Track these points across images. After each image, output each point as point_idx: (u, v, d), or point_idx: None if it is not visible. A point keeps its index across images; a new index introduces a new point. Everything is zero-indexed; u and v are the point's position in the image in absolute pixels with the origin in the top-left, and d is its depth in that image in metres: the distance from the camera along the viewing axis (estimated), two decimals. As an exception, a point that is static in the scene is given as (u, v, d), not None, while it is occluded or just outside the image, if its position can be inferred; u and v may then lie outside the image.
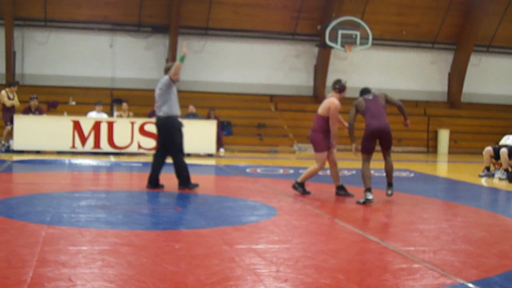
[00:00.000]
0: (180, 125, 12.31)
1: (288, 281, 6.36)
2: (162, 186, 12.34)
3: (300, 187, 13.51)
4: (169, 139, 12.12)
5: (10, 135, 22.78)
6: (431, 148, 30.63)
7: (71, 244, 7.75)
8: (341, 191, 13.55)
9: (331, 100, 12.76)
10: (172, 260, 7.14)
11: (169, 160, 13.28)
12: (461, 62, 32.00)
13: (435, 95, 32.88)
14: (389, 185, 13.35)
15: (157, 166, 12.25)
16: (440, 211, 12.45)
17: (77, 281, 6.09)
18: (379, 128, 12.66)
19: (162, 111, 11.97)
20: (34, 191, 13.23)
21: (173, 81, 11.99)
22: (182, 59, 12.06)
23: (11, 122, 22.27)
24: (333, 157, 13.28)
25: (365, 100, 12.81)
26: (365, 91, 13.31)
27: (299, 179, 13.50)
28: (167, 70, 12.28)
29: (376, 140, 12.85)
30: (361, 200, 12.76)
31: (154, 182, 12.24)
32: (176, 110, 12.28)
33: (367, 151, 12.88)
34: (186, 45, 12.62)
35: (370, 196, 12.85)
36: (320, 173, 16.32)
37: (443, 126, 30.45)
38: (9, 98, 22.87)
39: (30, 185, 14.60)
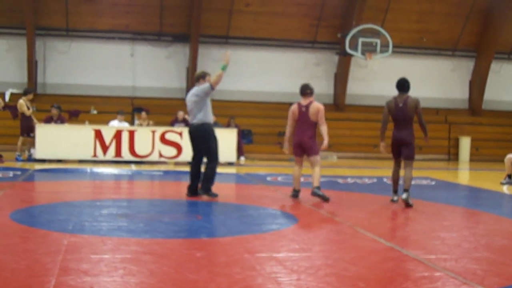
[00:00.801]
0: (215, 132, 12.44)
1: None
2: (199, 194, 12.44)
3: (320, 191, 13.59)
4: (205, 145, 12.17)
5: (25, 145, 22.81)
6: (452, 155, 30.47)
7: (93, 253, 7.79)
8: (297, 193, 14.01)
9: (318, 105, 13.24)
10: (193, 269, 7.13)
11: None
12: (482, 69, 31.85)
13: (456, 102, 32.74)
14: (405, 190, 13.37)
15: (196, 174, 12.33)
16: (461, 219, 12.37)
17: None
18: (400, 139, 13.19)
19: (197, 119, 12.02)
20: (56, 199, 13.27)
21: (213, 89, 12.09)
22: (225, 67, 12.07)
23: (32, 131, 22.35)
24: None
25: (395, 106, 13.21)
26: (400, 87, 13.44)
27: (316, 183, 13.53)
28: (199, 78, 12.33)
29: (399, 148, 13.37)
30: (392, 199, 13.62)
31: (193, 191, 12.31)
32: (211, 118, 12.46)
33: (393, 156, 13.60)
34: (229, 54, 12.50)
35: (395, 198, 13.52)
36: (340, 181, 17.59)
37: (464, 133, 30.31)
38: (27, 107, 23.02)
39: (52, 193, 14.62)
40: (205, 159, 12.55)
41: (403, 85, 13.50)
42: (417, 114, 13.29)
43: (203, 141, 12.20)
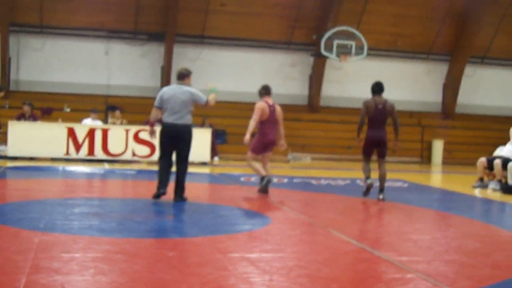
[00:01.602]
0: None
1: None
2: (164, 194, 12.14)
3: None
4: (187, 147, 11.97)
5: None
6: (425, 158, 30.74)
7: (64, 251, 7.76)
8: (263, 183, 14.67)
9: (279, 108, 14.30)
10: (165, 268, 7.13)
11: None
12: (456, 73, 32.25)
13: (429, 105, 33.06)
14: (381, 190, 14.16)
15: (167, 178, 11.99)
16: (433, 222, 12.51)
17: None
18: (378, 139, 13.96)
19: (185, 119, 11.78)
20: (27, 197, 13.24)
21: (202, 106, 12.24)
22: (215, 90, 12.30)
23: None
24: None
25: (375, 107, 13.90)
26: (377, 90, 14.17)
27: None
28: (183, 76, 12.00)
29: (374, 148, 14.13)
30: (364, 189, 14.39)
31: (162, 194, 12.11)
32: None
33: (365, 155, 14.24)
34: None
35: (369, 180, 14.23)
36: (314, 182, 17.88)
37: (437, 136, 30.55)
38: None
39: (24, 191, 14.55)
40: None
41: (380, 87, 14.18)
42: (393, 117, 14.10)
43: (186, 143, 11.99)
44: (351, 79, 30.88)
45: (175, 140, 11.89)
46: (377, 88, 14.36)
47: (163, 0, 29.29)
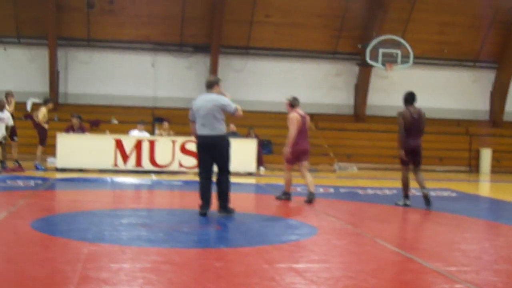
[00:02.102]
0: None
1: None
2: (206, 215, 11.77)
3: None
4: (225, 157, 11.64)
5: (44, 154, 23.13)
6: (473, 167, 30.31)
7: (112, 262, 7.78)
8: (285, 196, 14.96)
9: (308, 117, 14.56)
10: (212, 279, 7.07)
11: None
12: (504, 81, 32.03)
13: (477, 114, 32.69)
14: (424, 188, 14.29)
15: (209, 193, 11.50)
16: (482, 231, 12.25)
17: None
18: (416, 147, 14.21)
19: (218, 130, 11.37)
20: (76, 208, 13.36)
21: (232, 115, 11.81)
22: (232, 101, 12.00)
23: (44, 143, 22.71)
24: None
25: (411, 117, 14.08)
26: (411, 99, 14.38)
27: (313, 189, 14.63)
28: (213, 84, 11.63)
29: (412, 157, 14.33)
30: (400, 203, 14.44)
31: (208, 202, 11.68)
32: None
33: (405, 163, 14.42)
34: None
35: (407, 202, 14.37)
36: (360, 192, 17.77)
37: (486, 145, 30.08)
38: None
39: (73, 202, 14.69)
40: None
41: (414, 97, 14.47)
42: (424, 124, 14.53)
43: (222, 154, 11.61)
44: (397, 87, 28.97)
45: (211, 152, 11.49)
46: (411, 98, 14.54)
47: (208, 13, 29.38)
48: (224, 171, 11.67)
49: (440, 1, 30.23)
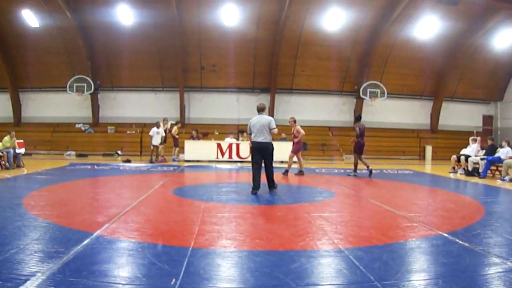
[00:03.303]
0: None
1: (342, 234, 6.72)
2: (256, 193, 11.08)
3: (287, 172, 15.68)
4: (270, 157, 11.19)
5: (178, 153, 24.04)
6: (421, 156, 31.02)
7: (218, 212, 8.29)
8: (300, 172, 15.85)
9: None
10: (276, 222, 7.65)
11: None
12: (437, 107, 32.61)
13: (423, 126, 33.13)
14: (370, 173, 15.97)
15: (259, 178, 11.15)
16: (427, 193, 12.67)
17: (223, 233, 6.68)
18: (363, 144, 16.17)
19: (267, 139, 11.09)
20: (196, 182, 14.07)
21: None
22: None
23: (177, 146, 23.84)
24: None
25: (362, 127, 16.13)
26: (359, 118, 16.74)
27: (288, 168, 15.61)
28: (263, 109, 11.53)
29: (363, 149, 16.03)
30: (352, 174, 15.81)
31: (258, 189, 11.14)
32: None
33: (359, 153, 16.13)
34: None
35: (356, 173, 15.85)
36: (358, 171, 17.10)
37: (428, 143, 31.22)
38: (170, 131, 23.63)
39: (194, 179, 15.26)
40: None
41: (360, 117, 16.93)
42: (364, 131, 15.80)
43: (269, 154, 11.18)
44: (378, 111, 31.94)
45: (262, 153, 11.07)
46: (359, 117, 16.87)
47: (268, 69, 30.14)
48: (270, 166, 11.23)
49: (400, 62, 30.42)
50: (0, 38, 28.00)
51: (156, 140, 22.21)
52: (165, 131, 22.90)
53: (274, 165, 11.47)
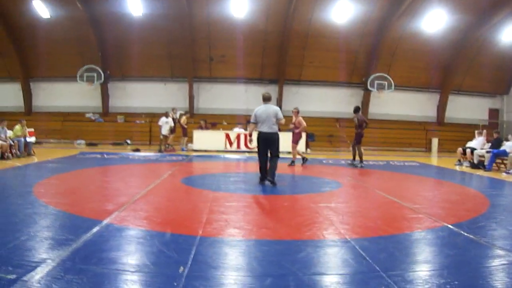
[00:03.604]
0: None
1: (348, 224, 6.74)
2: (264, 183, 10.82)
3: (293, 163, 15.69)
4: (276, 147, 10.72)
5: (187, 142, 24.08)
6: (428, 148, 30.91)
7: (226, 202, 8.28)
8: (304, 161, 15.85)
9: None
10: (283, 211, 7.68)
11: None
12: (444, 100, 32.39)
13: (429, 118, 32.80)
14: (360, 161, 16.00)
15: (266, 168, 10.86)
16: (433, 185, 12.67)
17: (230, 222, 6.69)
18: (362, 134, 16.32)
19: (273, 129, 10.62)
20: (205, 172, 14.10)
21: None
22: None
23: (186, 135, 23.90)
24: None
25: (360, 117, 16.35)
26: (358, 109, 16.63)
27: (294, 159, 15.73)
28: (269, 99, 11.06)
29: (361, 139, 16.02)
30: (360, 165, 15.81)
31: (264, 179, 10.95)
32: None
33: (359, 142, 16.34)
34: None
35: (362, 164, 15.83)
36: (365, 163, 17.11)
37: (434, 136, 30.98)
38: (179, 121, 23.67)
39: (202, 169, 15.35)
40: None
41: (359, 109, 16.80)
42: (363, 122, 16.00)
43: (275, 145, 10.69)
44: (385, 103, 31.81)
45: (267, 143, 10.66)
46: (358, 109, 16.77)
47: (277, 60, 30.17)
48: (275, 156, 10.73)
49: (408, 55, 30.20)
50: (12, 29, 28.26)
51: (165, 130, 22.38)
52: (174, 120, 22.99)
53: (281, 155, 11.29)
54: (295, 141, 15.97)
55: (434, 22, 27.78)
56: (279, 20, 28.20)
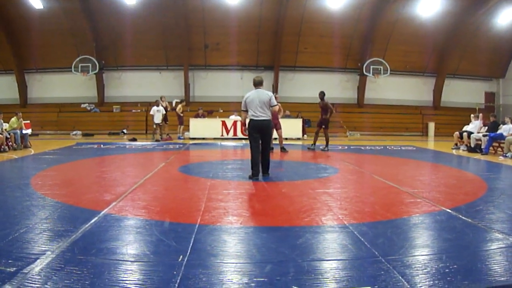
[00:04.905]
0: None
1: (346, 210, 6.72)
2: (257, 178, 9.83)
3: (284, 149, 15.44)
4: (269, 135, 10.03)
5: (183, 131, 24.00)
6: (424, 133, 31.19)
7: (224, 189, 8.30)
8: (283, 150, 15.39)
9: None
10: (281, 198, 7.67)
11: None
12: (440, 84, 32.62)
13: (426, 102, 33.07)
14: (327, 145, 16.14)
15: (259, 160, 9.92)
16: (430, 169, 12.78)
17: (229, 210, 6.69)
18: (328, 120, 16.24)
19: (267, 116, 9.77)
20: (202, 159, 14.24)
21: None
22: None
23: (182, 124, 23.76)
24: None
25: (325, 102, 16.38)
26: (323, 94, 16.46)
27: (282, 145, 15.43)
28: (261, 83, 10.11)
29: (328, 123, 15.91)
30: (326, 149, 15.94)
31: (258, 174, 9.88)
32: None
33: (327, 127, 16.44)
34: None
35: (327, 148, 15.94)
36: (363, 148, 17.93)
37: (431, 120, 31.12)
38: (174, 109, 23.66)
39: (200, 156, 15.50)
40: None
41: (324, 94, 16.51)
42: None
43: (268, 133, 9.95)
44: (381, 87, 32.05)
45: (260, 132, 9.79)
46: (323, 94, 16.65)
47: (272, 47, 30.34)
48: (267, 147, 10.08)
49: (403, 39, 30.24)
50: (5, 20, 28.13)
51: (158, 118, 22.35)
52: (165, 108, 22.88)
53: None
54: (280, 127, 15.97)
55: (430, 6, 27.75)
56: (273, 6, 28.27)
